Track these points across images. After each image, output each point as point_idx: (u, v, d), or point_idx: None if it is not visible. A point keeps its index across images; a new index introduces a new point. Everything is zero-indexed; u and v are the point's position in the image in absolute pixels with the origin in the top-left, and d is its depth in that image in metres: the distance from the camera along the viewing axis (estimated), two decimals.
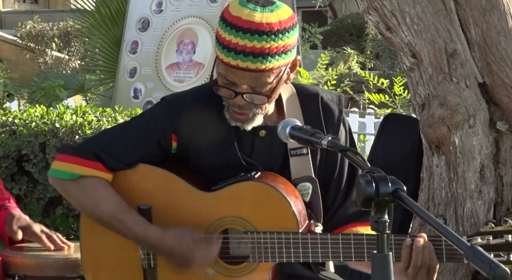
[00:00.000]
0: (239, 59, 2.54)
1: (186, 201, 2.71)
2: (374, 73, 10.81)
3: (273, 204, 2.65)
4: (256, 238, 2.66)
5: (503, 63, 3.86)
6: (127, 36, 7.22)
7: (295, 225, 2.64)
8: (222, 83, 2.62)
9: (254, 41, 2.53)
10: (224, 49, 2.56)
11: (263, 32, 2.53)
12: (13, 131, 4.50)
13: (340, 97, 2.85)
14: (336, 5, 25.03)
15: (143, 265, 2.74)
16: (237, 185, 2.68)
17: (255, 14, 2.55)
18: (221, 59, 2.58)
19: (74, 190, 2.74)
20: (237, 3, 2.60)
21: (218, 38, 2.59)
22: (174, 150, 2.76)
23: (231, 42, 2.54)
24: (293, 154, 2.76)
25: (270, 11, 2.57)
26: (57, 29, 17.26)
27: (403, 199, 1.96)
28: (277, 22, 2.56)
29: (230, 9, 2.59)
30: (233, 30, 2.54)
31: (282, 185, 2.69)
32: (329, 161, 2.81)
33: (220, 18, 2.61)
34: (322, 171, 2.80)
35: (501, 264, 1.77)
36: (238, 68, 2.55)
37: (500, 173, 3.94)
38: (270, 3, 2.60)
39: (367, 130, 9.03)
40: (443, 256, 2.58)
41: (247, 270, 2.69)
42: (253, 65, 2.55)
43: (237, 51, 2.53)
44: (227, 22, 2.56)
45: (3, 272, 3.15)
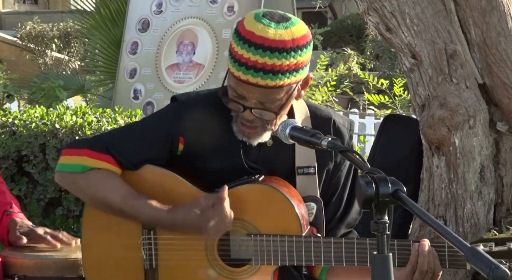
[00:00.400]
0: (250, 74, 2.53)
1: None
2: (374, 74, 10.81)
3: (276, 206, 2.65)
4: (259, 240, 2.65)
5: (503, 64, 3.86)
6: (127, 37, 7.22)
7: (298, 228, 2.64)
8: (232, 96, 2.62)
9: (265, 57, 2.52)
10: (236, 63, 2.56)
11: (275, 49, 2.52)
12: (13, 132, 4.50)
13: (351, 123, 2.86)
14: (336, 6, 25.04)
15: (145, 265, 2.74)
16: (240, 187, 2.68)
17: (269, 30, 2.54)
18: (232, 72, 2.58)
19: (84, 182, 2.74)
20: (252, 17, 2.59)
21: (231, 51, 2.58)
22: (180, 152, 2.76)
23: (242, 56, 2.54)
24: (300, 172, 2.76)
25: (284, 27, 2.55)
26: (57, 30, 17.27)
27: (403, 200, 1.96)
28: (290, 39, 2.54)
29: (245, 23, 2.58)
30: (245, 44, 2.54)
31: (286, 188, 2.69)
32: (331, 184, 2.82)
33: (235, 31, 2.60)
34: (323, 191, 2.80)
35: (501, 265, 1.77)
36: (248, 83, 2.55)
37: (500, 174, 3.94)
38: (285, 19, 2.58)
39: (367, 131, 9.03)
40: (446, 262, 2.58)
41: (249, 272, 2.69)
42: (263, 81, 2.54)
43: (248, 66, 2.53)
44: (241, 36, 2.56)
45: (2, 273, 3.15)
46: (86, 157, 2.73)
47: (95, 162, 2.72)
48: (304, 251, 2.63)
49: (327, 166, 2.78)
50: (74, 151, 2.76)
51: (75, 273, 3.15)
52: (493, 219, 3.91)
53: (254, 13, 2.59)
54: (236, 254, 2.71)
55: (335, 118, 2.81)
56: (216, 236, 2.67)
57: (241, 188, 2.68)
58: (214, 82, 6.64)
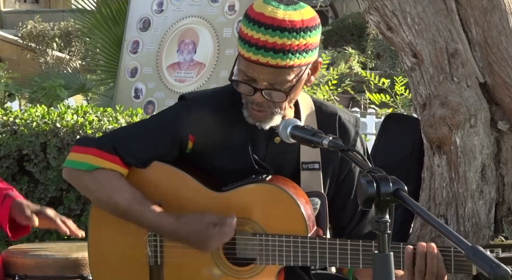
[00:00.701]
0: (260, 54, 2.55)
1: (196, 200, 2.72)
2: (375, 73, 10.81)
3: (282, 206, 2.65)
4: (264, 240, 2.65)
5: (504, 63, 3.86)
6: (128, 36, 7.22)
7: (304, 228, 2.64)
8: (242, 79, 2.63)
9: (275, 37, 2.55)
10: (246, 44, 2.58)
11: (285, 29, 2.55)
12: (14, 131, 4.50)
13: (357, 119, 2.87)
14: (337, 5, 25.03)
15: (150, 262, 2.75)
16: (248, 186, 2.69)
17: (278, 11, 2.57)
18: (242, 54, 2.60)
19: (90, 182, 2.74)
20: (261, 1, 2.62)
21: (240, 34, 2.61)
22: (189, 150, 2.76)
23: (252, 37, 2.56)
24: (305, 168, 2.77)
25: (293, 9, 2.59)
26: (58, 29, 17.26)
27: (404, 199, 1.96)
28: (299, 20, 2.58)
29: (254, 6, 2.61)
30: (255, 25, 2.56)
31: (293, 189, 2.69)
32: (345, 181, 2.81)
33: (244, 15, 2.63)
34: (333, 189, 2.80)
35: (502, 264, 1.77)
36: (258, 63, 2.56)
37: (501, 173, 3.93)
38: (293, 2, 2.62)
39: (368, 130, 9.02)
40: (451, 267, 2.56)
41: (254, 272, 2.69)
42: (273, 60, 2.56)
43: (258, 46, 2.55)
44: (250, 18, 2.59)
45: (3, 272, 3.15)
46: (93, 156, 2.73)
47: (102, 162, 2.73)
48: (309, 252, 2.63)
49: (333, 163, 2.78)
50: (81, 148, 2.77)
51: (76, 273, 3.15)
52: (494, 218, 3.91)
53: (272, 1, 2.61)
54: (242, 253, 2.71)
55: (340, 114, 2.82)
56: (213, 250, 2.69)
57: (248, 187, 2.68)
58: (215, 81, 6.64)
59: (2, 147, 4.43)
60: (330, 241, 2.63)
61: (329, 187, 2.79)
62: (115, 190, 2.71)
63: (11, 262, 3.17)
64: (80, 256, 3.17)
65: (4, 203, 3.14)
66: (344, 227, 2.82)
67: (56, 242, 3.71)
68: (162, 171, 2.75)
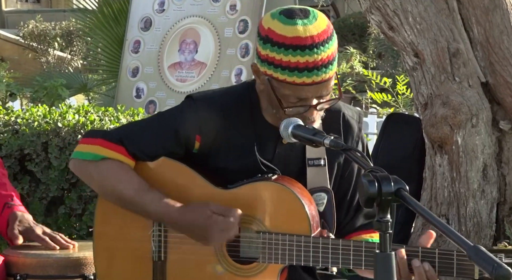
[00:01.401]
0: (314, 75, 2.56)
1: (201, 197, 2.72)
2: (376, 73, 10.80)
3: (287, 205, 2.65)
4: (268, 238, 2.66)
5: (505, 62, 3.86)
6: (129, 36, 7.22)
7: (308, 228, 2.64)
8: (290, 103, 2.62)
9: (321, 53, 2.57)
10: (294, 71, 2.56)
11: (324, 41, 2.58)
12: (15, 130, 4.50)
13: (360, 115, 2.88)
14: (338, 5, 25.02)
15: (153, 257, 2.76)
16: (253, 184, 2.69)
17: (306, 27, 2.58)
18: (291, 81, 2.57)
19: (96, 171, 2.75)
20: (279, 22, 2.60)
21: (278, 62, 2.57)
22: (196, 150, 2.77)
23: (299, 62, 2.55)
24: (310, 164, 2.78)
25: (314, 19, 2.61)
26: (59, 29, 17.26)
27: (406, 198, 1.96)
28: (326, 26, 2.61)
29: (278, 31, 2.58)
30: (297, 50, 2.55)
31: (298, 189, 2.69)
32: (345, 177, 2.83)
33: (271, 42, 2.59)
34: (336, 185, 2.81)
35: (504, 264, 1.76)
36: (313, 84, 2.58)
37: (503, 173, 3.93)
38: (307, 12, 2.63)
39: (369, 130, 9.01)
40: (454, 270, 2.55)
41: (256, 270, 2.69)
42: (326, 75, 2.58)
43: (310, 68, 2.56)
44: (286, 45, 2.57)
45: (5, 272, 3.15)
46: (99, 146, 2.75)
47: (107, 152, 2.74)
48: (312, 252, 2.63)
49: (337, 159, 2.79)
50: (88, 140, 2.80)
51: (77, 272, 3.15)
52: (495, 217, 3.91)
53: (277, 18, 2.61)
54: (245, 251, 2.71)
55: (344, 110, 2.83)
56: (217, 244, 2.68)
57: (254, 185, 2.69)
58: (216, 81, 6.64)
59: (3, 146, 4.43)
60: (333, 241, 2.63)
61: (334, 182, 2.80)
62: (120, 179, 2.72)
63: (13, 261, 3.17)
64: (81, 256, 3.17)
65: (4, 213, 3.20)
66: (340, 221, 2.83)
67: None
68: (169, 167, 2.76)
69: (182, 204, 2.70)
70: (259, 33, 2.65)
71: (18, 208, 3.28)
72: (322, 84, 2.60)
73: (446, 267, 2.54)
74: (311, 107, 2.62)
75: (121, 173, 2.73)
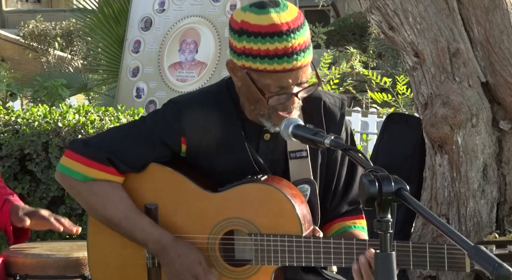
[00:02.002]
0: (294, 60, 2.58)
1: (192, 201, 2.72)
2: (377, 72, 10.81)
3: (277, 206, 2.65)
4: (260, 240, 2.65)
5: (506, 62, 3.85)
6: (129, 36, 7.22)
7: (299, 228, 2.64)
8: (271, 93, 2.62)
9: (298, 37, 2.58)
10: (274, 58, 2.56)
11: (299, 27, 2.60)
12: (16, 130, 4.50)
13: (343, 101, 2.86)
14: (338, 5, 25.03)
15: (148, 264, 2.75)
16: (243, 186, 2.69)
17: (280, 15, 2.59)
18: (272, 69, 2.58)
19: (85, 192, 2.75)
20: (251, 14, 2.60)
21: (256, 52, 2.58)
22: (184, 153, 2.76)
23: (277, 48, 2.56)
24: (293, 156, 2.78)
25: (285, 7, 2.62)
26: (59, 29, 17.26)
27: (406, 198, 1.96)
28: (298, 14, 2.63)
29: (252, 21, 2.59)
30: (274, 37, 2.56)
31: (288, 189, 2.69)
32: (329, 165, 2.83)
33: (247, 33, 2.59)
34: (322, 174, 2.81)
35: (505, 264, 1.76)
36: (294, 69, 2.59)
37: (503, 173, 3.93)
38: (277, 2, 2.64)
39: (369, 130, 9.01)
40: (445, 264, 2.57)
41: (250, 272, 2.69)
42: (305, 59, 2.61)
43: (289, 53, 2.57)
44: (263, 33, 2.57)
45: (4, 272, 3.15)
46: (87, 166, 2.73)
47: (97, 173, 2.73)
48: (304, 252, 2.63)
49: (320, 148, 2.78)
50: (75, 156, 2.76)
51: (77, 272, 3.15)
52: (496, 217, 3.91)
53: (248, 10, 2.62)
54: (238, 253, 2.71)
55: (325, 98, 2.82)
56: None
57: (243, 187, 2.69)
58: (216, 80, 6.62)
59: (4, 146, 4.43)
60: (324, 241, 2.63)
61: (320, 172, 2.80)
62: (110, 202, 2.72)
63: (12, 262, 3.17)
64: (81, 256, 3.17)
65: (4, 208, 3.20)
66: (326, 208, 2.83)
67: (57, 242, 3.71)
68: (159, 173, 2.75)
69: (172, 237, 2.70)
70: (232, 28, 2.63)
71: (18, 202, 3.28)
72: (301, 70, 2.60)
73: (437, 261, 2.55)
74: (292, 95, 2.61)
75: (111, 196, 2.73)
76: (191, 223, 2.71)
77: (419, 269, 3.78)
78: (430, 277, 3.86)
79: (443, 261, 2.56)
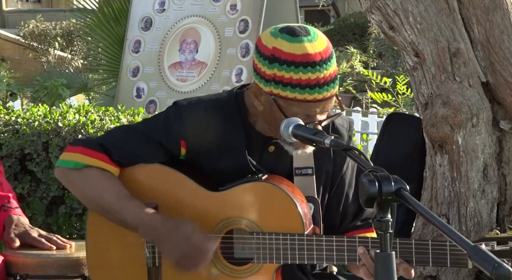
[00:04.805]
0: (325, 91, 2.58)
1: (193, 201, 2.71)
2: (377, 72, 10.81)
3: (279, 205, 2.65)
4: (261, 239, 2.66)
5: (506, 62, 3.85)
6: (130, 36, 7.22)
7: (301, 226, 2.64)
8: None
9: (329, 68, 2.59)
10: (306, 88, 2.57)
11: (329, 57, 2.61)
12: (16, 130, 4.50)
13: (350, 123, 2.89)
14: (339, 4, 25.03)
15: (148, 263, 2.75)
16: (244, 185, 2.69)
17: (313, 44, 2.59)
18: (303, 98, 2.58)
19: (78, 179, 2.76)
20: (284, 41, 2.59)
21: (290, 81, 2.57)
22: (183, 157, 2.76)
23: (310, 79, 2.56)
24: (298, 173, 2.78)
25: (316, 36, 2.62)
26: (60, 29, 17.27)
27: (406, 198, 1.96)
28: (327, 42, 2.65)
29: (285, 49, 2.58)
30: (308, 67, 2.57)
31: (289, 188, 2.69)
32: (334, 184, 2.84)
33: (276, 62, 2.58)
34: (325, 193, 2.81)
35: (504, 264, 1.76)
36: (324, 99, 2.60)
37: (503, 172, 3.93)
38: (307, 30, 2.64)
39: (370, 129, 9.01)
40: (447, 260, 2.57)
41: (251, 271, 2.69)
42: (333, 90, 2.61)
43: (321, 84, 2.57)
44: (296, 62, 2.57)
45: (5, 272, 3.15)
46: (80, 154, 2.74)
47: (89, 160, 2.73)
48: (306, 250, 2.63)
49: (325, 167, 2.79)
50: (71, 148, 2.80)
51: (77, 272, 3.15)
52: (496, 217, 3.91)
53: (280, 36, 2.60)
54: (239, 252, 2.71)
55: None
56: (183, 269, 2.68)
57: (244, 186, 2.69)
58: (216, 80, 6.64)
59: (4, 146, 4.43)
60: (326, 238, 2.64)
61: (323, 191, 2.80)
62: (101, 188, 2.72)
63: (12, 261, 3.17)
64: (81, 256, 3.16)
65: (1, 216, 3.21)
66: (335, 226, 2.83)
67: None
68: (159, 172, 2.75)
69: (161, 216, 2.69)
70: (261, 53, 2.61)
71: (15, 211, 3.28)
72: (329, 100, 2.62)
73: (440, 258, 2.56)
74: (317, 124, 2.62)
75: (102, 181, 2.72)
76: None
77: (421, 266, 3.78)
78: (430, 277, 3.86)
79: (445, 258, 2.56)
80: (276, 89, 2.58)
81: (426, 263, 2.60)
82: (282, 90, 2.58)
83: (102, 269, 2.81)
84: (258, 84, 2.63)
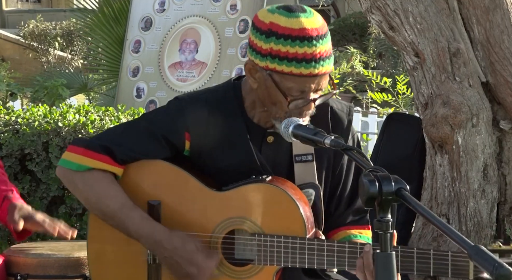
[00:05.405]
0: (320, 66, 2.58)
1: (195, 199, 2.71)
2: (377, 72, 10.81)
3: (282, 207, 2.65)
4: (263, 240, 2.65)
5: (506, 62, 3.85)
6: (130, 36, 7.22)
7: (303, 230, 2.64)
8: (291, 96, 2.62)
9: (325, 44, 2.60)
10: (302, 62, 2.57)
11: (324, 35, 2.61)
12: (16, 130, 4.50)
13: (350, 108, 2.87)
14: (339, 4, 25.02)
15: (148, 260, 2.75)
16: (247, 186, 2.68)
17: (309, 20, 2.60)
18: (299, 73, 2.57)
19: (80, 183, 2.74)
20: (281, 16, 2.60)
21: (287, 55, 2.57)
22: (187, 152, 2.75)
23: (306, 53, 2.56)
24: (298, 160, 2.77)
25: (312, 14, 2.63)
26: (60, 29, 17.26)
27: (406, 198, 1.96)
28: (323, 20, 2.65)
29: (282, 24, 2.59)
30: (304, 41, 2.56)
31: (292, 190, 2.69)
32: (335, 171, 2.82)
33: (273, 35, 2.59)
34: (327, 179, 2.81)
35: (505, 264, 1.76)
36: (319, 74, 2.59)
37: (503, 172, 3.93)
38: (304, 8, 2.65)
39: (370, 129, 9.01)
40: (449, 271, 2.56)
41: (252, 272, 2.69)
42: (329, 67, 2.61)
43: (317, 58, 2.57)
44: (293, 36, 2.57)
45: (5, 271, 3.15)
46: (83, 156, 2.72)
47: (92, 162, 2.71)
48: (307, 254, 2.63)
49: (327, 153, 2.78)
50: (74, 148, 2.77)
51: (78, 272, 3.15)
52: (496, 217, 3.91)
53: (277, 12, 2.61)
54: (240, 253, 2.71)
55: (332, 104, 2.82)
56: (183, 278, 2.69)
57: (248, 187, 2.68)
58: (217, 80, 6.64)
59: (4, 146, 4.43)
60: (328, 243, 2.63)
61: (325, 177, 2.80)
62: (104, 194, 2.71)
63: (13, 261, 3.17)
64: (82, 256, 3.17)
65: (3, 205, 3.19)
66: (330, 213, 2.83)
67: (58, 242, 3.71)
68: (163, 169, 2.75)
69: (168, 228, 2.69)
70: (258, 28, 2.62)
71: (18, 200, 3.27)
72: (322, 76, 2.61)
73: (441, 267, 2.56)
74: (311, 101, 2.62)
75: (104, 187, 2.71)
76: (194, 221, 2.71)
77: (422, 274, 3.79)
78: (430, 277, 3.86)
79: (446, 268, 2.55)
80: (272, 64, 2.59)
81: (427, 272, 2.59)
82: (278, 64, 2.58)
83: (102, 264, 2.81)
84: (254, 60, 2.63)
